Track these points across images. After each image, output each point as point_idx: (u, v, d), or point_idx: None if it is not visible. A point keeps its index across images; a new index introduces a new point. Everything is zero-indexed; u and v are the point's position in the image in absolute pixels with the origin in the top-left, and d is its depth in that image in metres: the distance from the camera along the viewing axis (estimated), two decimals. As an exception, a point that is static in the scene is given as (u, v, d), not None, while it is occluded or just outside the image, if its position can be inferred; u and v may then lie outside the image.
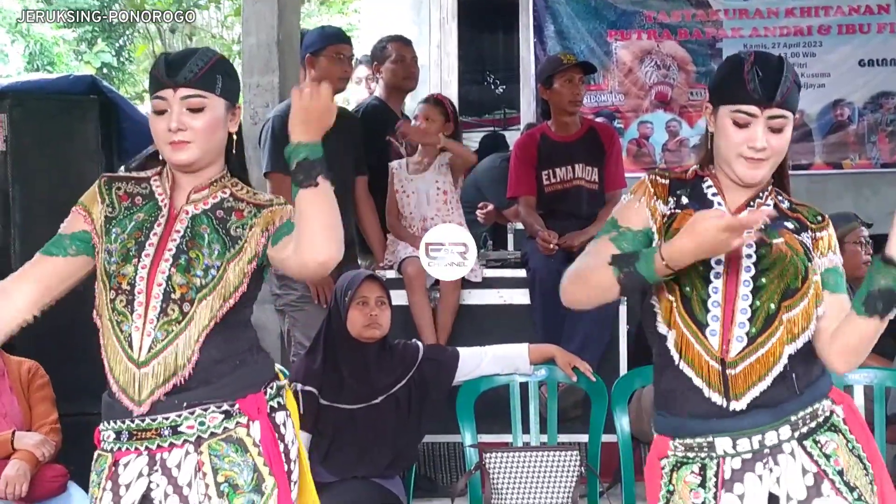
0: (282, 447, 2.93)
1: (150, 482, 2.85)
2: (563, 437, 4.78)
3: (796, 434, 2.80)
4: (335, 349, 4.44)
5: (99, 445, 2.95)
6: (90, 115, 5.67)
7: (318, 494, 4.16)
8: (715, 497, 2.79)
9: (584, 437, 4.70)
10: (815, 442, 2.82)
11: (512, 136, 7.88)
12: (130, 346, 2.84)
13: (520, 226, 6.58)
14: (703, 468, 2.82)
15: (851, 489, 2.79)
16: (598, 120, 7.56)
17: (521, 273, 5.80)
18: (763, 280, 2.79)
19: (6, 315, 2.98)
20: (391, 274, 5.68)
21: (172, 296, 2.83)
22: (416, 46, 7.02)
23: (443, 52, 8.86)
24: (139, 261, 2.87)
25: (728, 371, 2.76)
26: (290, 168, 2.75)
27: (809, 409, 2.82)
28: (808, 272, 2.80)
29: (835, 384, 2.96)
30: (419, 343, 4.68)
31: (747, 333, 2.77)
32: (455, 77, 8.84)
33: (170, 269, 2.85)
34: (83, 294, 4.75)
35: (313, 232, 2.77)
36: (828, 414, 2.85)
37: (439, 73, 8.89)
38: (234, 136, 3.02)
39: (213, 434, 2.85)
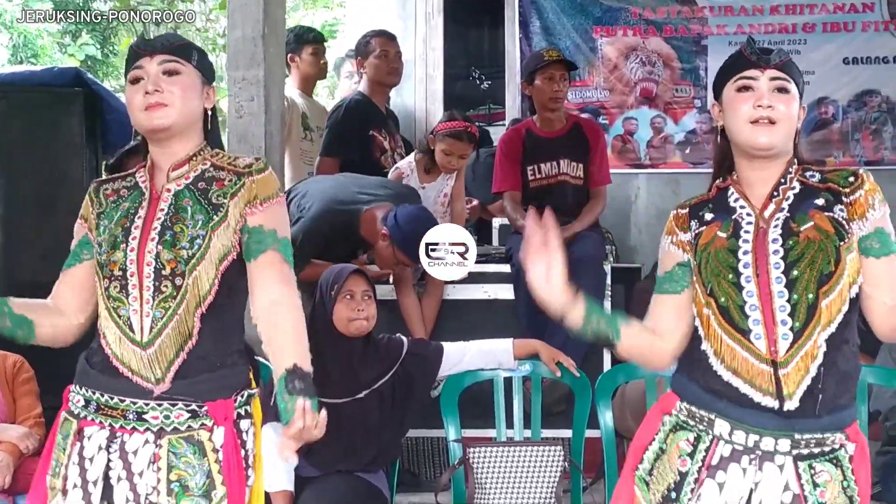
0: (242, 453, 2.94)
1: (110, 460, 2.88)
2: (547, 433, 4.78)
3: (794, 452, 2.76)
4: (320, 343, 4.43)
5: (66, 406, 2.97)
6: (75, 107, 5.66)
7: (301, 488, 4.20)
8: (698, 473, 2.82)
9: (567, 433, 4.71)
10: (810, 467, 2.77)
11: (497, 132, 7.88)
12: (132, 329, 2.87)
13: (504, 221, 6.59)
14: (698, 439, 2.84)
15: None
16: (584, 116, 7.56)
17: (506, 268, 5.81)
18: (795, 272, 2.76)
19: (62, 323, 3.06)
20: (376, 268, 5.68)
21: (163, 272, 2.86)
22: (402, 41, 7.03)
23: (428, 47, 8.85)
24: (127, 245, 2.90)
25: (780, 371, 2.74)
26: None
27: (819, 436, 2.77)
28: (841, 252, 2.76)
29: None
30: (403, 338, 4.68)
31: (791, 329, 2.74)
32: (440, 72, 8.83)
33: (157, 247, 2.87)
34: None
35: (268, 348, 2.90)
36: (836, 447, 2.79)
37: (424, 67, 8.87)
38: (209, 113, 3.04)
39: (175, 430, 2.87)
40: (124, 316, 2.88)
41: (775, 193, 2.88)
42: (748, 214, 2.87)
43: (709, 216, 2.93)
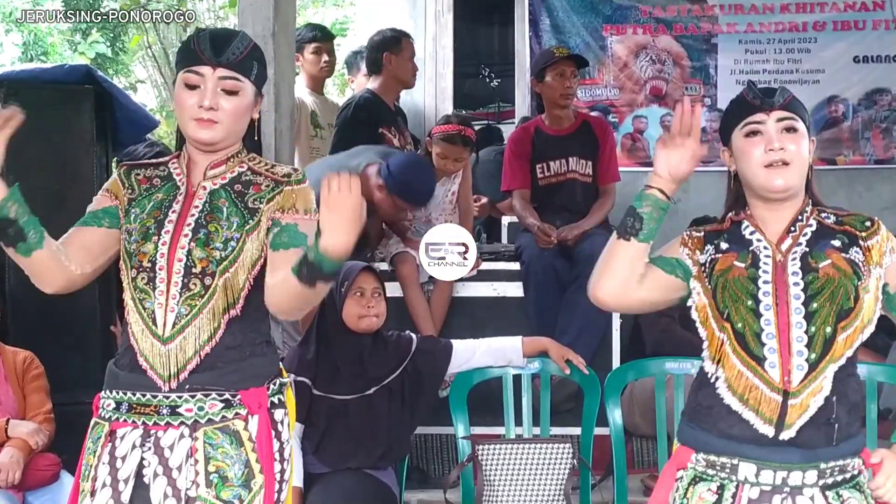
0: (276, 445, 2.94)
1: (143, 458, 2.86)
2: (556, 430, 4.79)
3: (821, 483, 2.79)
4: (329, 340, 4.44)
5: (96, 413, 2.96)
6: (85, 104, 5.65)
7: (310, 485, 4.20)
8: None
9: (576, 430, 4.71)
10: (838, 495, 2.80)
11: (507, 130, 7.89)
12: (154, 322, 2.87)
13: (514, 219, 6.60)
14: (721, 488, 2.82)
15: None
16: (593, 114, 7.57)
17: (515, 266, 5.81)
18: (814, 305, 2.79)
19: (61, 261, 2.96)
20: (384, 266, 5.69)
21: (193, 270, 2.86)
22: (413, 40, 7.02)
23: (438, 45, 8.85)
24: (159, 238, 2.89)
25: (790, 402, 2.75)
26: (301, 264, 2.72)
27: (841, 462, 2.80)
28: (860, 291, 2.81)
29: None
30: (413, 335, 4.68)
31: (807, 360, 2.76)
32: (450, 70, 8.83)
33: (189, 244, 2.87)
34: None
35: (283, 305, 2.86)
36: (856, 473, 2.85)
37: (434, 66, 8.88)
38: (255, 122, 3.03)
39: (210, 421, 2.87)
40: (149, 308, 2.87)
41: (792, 229, 2.91)
42: (765, 248, 2.90)
43: (724, 245, 2.94)
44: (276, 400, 2.97)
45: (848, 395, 2.80)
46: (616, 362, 5.56)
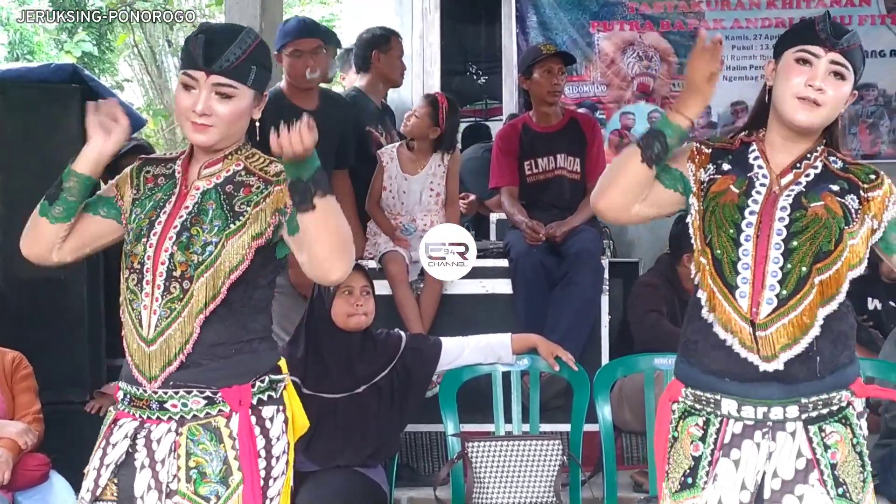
0: (262, 442, 2.94)
1: (135, 447, 2.91)
2: (546, 427, 4.80)
3: (803, 416, 2.85)
4: (318, 338, 4.44)
5: (117, 401, 3.03)
6: (72, 104, 5.63)
7: (300, 483, 4.19)
8: (711, 455, 2.87)
9: (566, 427, 4.71)
10: (820, 429, 2.85)
11: (494, 127, 7.88)
12: (140, 324, 2.90)
13: (502, 216, 6.59)
14: (707, 423, 2.90)
15: (838, 484, 2.84)
16: (580, 111, 7.57)
17: (504, 263, 5.81)
18: (794, 243, 2.82)
19: (47, 247, 3.03)
20: (372, 264, 5.69)
21: (174, 273, 2.88)
22: (402, 38, 7.02)
23: (425, 42, 8.84)
24: (147, 239, 2.92)
25: (758, 333, 2.81)
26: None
27: (825, 396, 2.85)
28: (843, 235, 2.83)
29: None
30: (402, 332, 4.68)
31: (777, 295, 2.81)
32: (437, 67, 8.82)
33: (172, 247, 2.89)
34: (66, 285, 4.79)
35: (322, 256, 2.82)
36: (843, 405, 2.88)
37: (421, 63, 8.86)
38: (258, 123, 3.01)
39: (195, 417, 2.90)
40: (136, 310, 2.91)
41: (797, 166, 2.93)
42: (764, 176, 2.93)
43: (726, 166, 2.97)
44: (264, 397, 2.96)
45: (831, 325, 2.84)
46: (605, 359, 5.57)
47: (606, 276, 5.73)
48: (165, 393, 2.89)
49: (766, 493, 2.85)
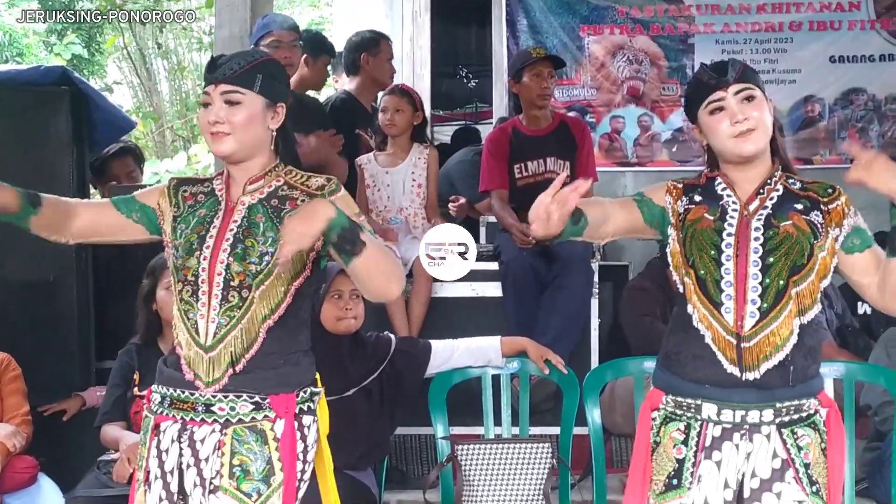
0: (301, 447, 3.10)
1: (181, 450, 3.07)
2: (535, 430, 4.80)
3: (777, 420, 3.05)
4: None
5: (148, 404, 3.17)
6: (61, 106, 5.64)
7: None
8: (695, 457, 3.08)
9: (555, 430, 4.71)
10: (793, 433, 3.06)
11: (485, 130, 7.89)
12: (197, 332, 3.06)
13: (492, 219, 6.60)
14: (688, 427, 3.10)
15: (812, 483, 3.05)
16: (570, 114, 7.57)
17: (494, 266, 5.81)
18: (771, 259, 3.05)
19: (65, 221, 3.19)
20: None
21: (232, 283, 3.04)
22: (392, 42, 7.02)
23: (415, 45, 8.85)
24: (200, 253, 3.08)
25: (743, 344, 3.02)
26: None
27: (796, 402, 3.07)
28: (814, 249, 3.06)
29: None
30: (391, 335, 4.68)
31: (759, 309, 3.03)
32: (427, 71, 8.83)
33: (228, 259, 3.05)
34: (56, 287, 4.77)
35: (376, 287, 3.00)
36: (812, 412, 3.11)
37: (412, 66, 8.88)
38: (277, 133, 3.17)
39: (240, 420, 3.04)
40: (192, 319, 3.06)
41: (761, 192, 3.16)
42: (734, 203, 3.16)
43: (698, 198, 3.20)
44: (305, 407, 3.12)
45: (805, 340, 3.06)
46: (595, 362, 5.57)
47: (596, 279, 5.73)
48: (214, 396, 3.04)
49: (745, 493, 3.05)
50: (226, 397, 3.03)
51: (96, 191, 6.17)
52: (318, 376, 3.21)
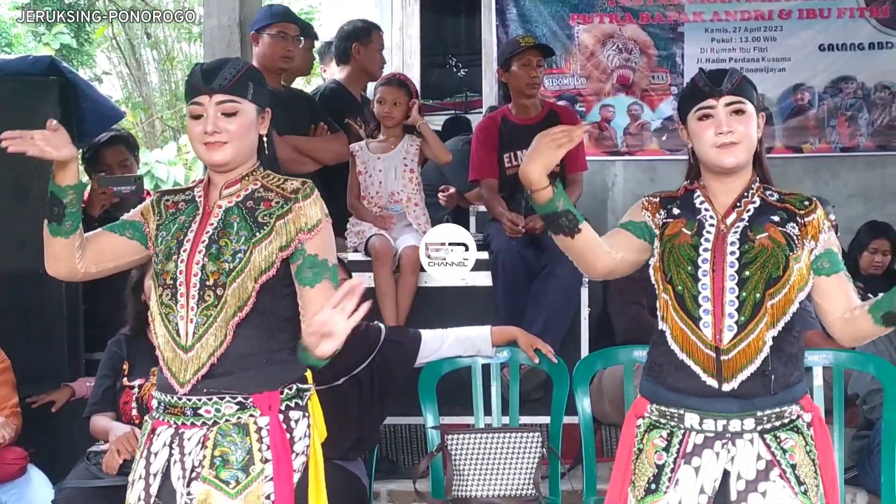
0: (288, 436, 3.13)
1: (171, 453, 3.11)
2: (525, 419, 4.80)
3: (759, 428, 3.09)
4: (297, 331, 4.43)
5: (151, 411, 3.23)
6: (50, 96, 5.61)
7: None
8: (675, 463, 3.11)
9: (545, 419, 4.72)
10: (776, 437, 3.09)
11: (474, 120, 7.88)
12: (178, 333, 3.11)
13: (482, 208, 6.59)
14: (671, 435, 3.14)
15: (800, 483, 3.06)
16: (560, 103, 7.57)
17: (484, 255, 5.80)
18: (747, 273, 3.09)
19: (76, 254, 3.23)
20: (353, 256, 5.68)
21: (207, 283, 3.08)
22: (383, 32, 7.01)
23: (405, 34, 8.84)
24: (178, 256, 3.15)
25: (722, 357, 3.07)
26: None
27: (777, 410, 3.10)
28: (790, 261, 3.09)
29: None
30: (381, 325, 4.68)
31: (737, 322, 3.07)
32: (417, 60, 8.83)
33: (203, 259, 3.10)
34: (45, 279, 4.72)
35: None
36: (794, 417, 3.13)
37: (401, 55, 8.87)
38: (265, 138, 3.24)
39: (227, 420, 3.09)
40: (173, 321, 3.11)
41: (738, 204, 3.21)
42: (711, 217, 3.20)
43: (676, 211, 3.26)
44: (291, 403, 3.15)
45: (783, 349, 3.09)
46: (584, 351, 5.56)
47: (586, 268, 5.72)
48: (199, 399, 3.09)
49: (732, 496, 3.07)
50: (210, 399, 3.08)
51: (89, 180, 6.13)
52: (309, 374, 3.21)
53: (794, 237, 3.12)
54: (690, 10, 8.30)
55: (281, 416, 3.11)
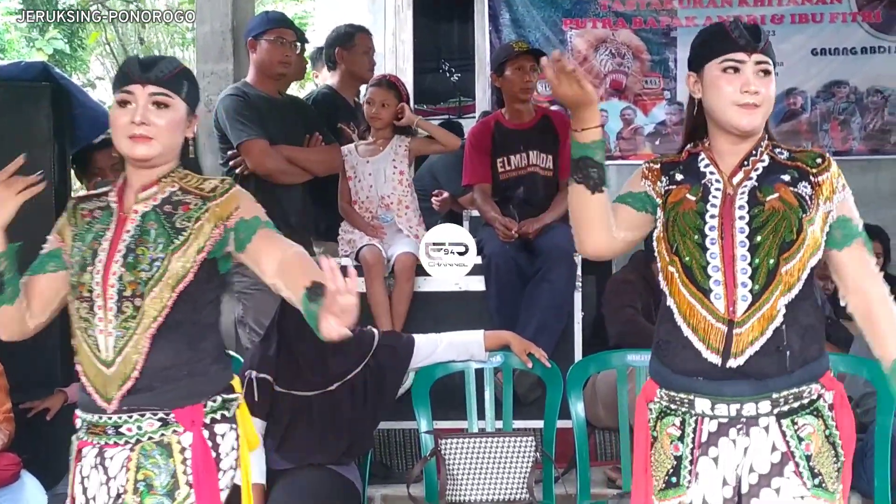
0: (213, 454, 3.02)
1: (97, 472, 3.00)
2: (519, 424, 4.80)
3: (776, 411, 2.91)
4: (290, 337, 4.43)
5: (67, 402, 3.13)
6: (42, 102, 5.61)
7: (273, 482, 4.19)
8: (692, 454, 2.94)
9: (539, 423, 4.72)
10: (793, 423, 2.91)
11: (467, 124, 7.87)
12: (98, 348, 2.96)
13: (475, 213, 6.59)
14: (683, 423, 2.97)
15: (814, 475, 2.90)
16: (553, 108, 7.57)
17: (477, 260, 5.81)
18: (758, 238, 2.89)
19: (21, 322, 3.11)
20: (346, 262, 5.68)
21: (125, 294, 2.94)
22: (371, 34, 7.01)
23: (398, 40, 8.84)
24: (93, 267, 2.99)
25: (735, 331, 2.87)
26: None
27: (795, 390, 2.91)
28: (803, 223, 2.89)
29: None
30: (374, 330, 4.68)
31: (751, 291, 2.87)
32: (410, 65, 8.82)
33: (120, 269, 2.96)
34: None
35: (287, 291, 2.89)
36: (814, 397, 2.94)
37: (394, 60, 8.87)
38: (191, 142, 3.13)
39: (149, 438, 2.97)
40: (92, 336, 2.97)
41: (745, 163, 3.00)
42: (717, 181, 2.99)
43: (679, 177, 3.04)
44: (217, 416, 3.03)
45: (799, 319, 2.90)
46: (578, 355, 5.56)
47: (579, 272, 5.72)
48: (120, 418, 2.96)
49: (743, 489, 2.92)
50: (130, 417, 2.96)
51: (81, 185, 6.13)
52: (235, 382, 3.12)
53: (807, 197, 2.91)
54: (683, 15, 8.31)
55: (206, 432, 3.00)
